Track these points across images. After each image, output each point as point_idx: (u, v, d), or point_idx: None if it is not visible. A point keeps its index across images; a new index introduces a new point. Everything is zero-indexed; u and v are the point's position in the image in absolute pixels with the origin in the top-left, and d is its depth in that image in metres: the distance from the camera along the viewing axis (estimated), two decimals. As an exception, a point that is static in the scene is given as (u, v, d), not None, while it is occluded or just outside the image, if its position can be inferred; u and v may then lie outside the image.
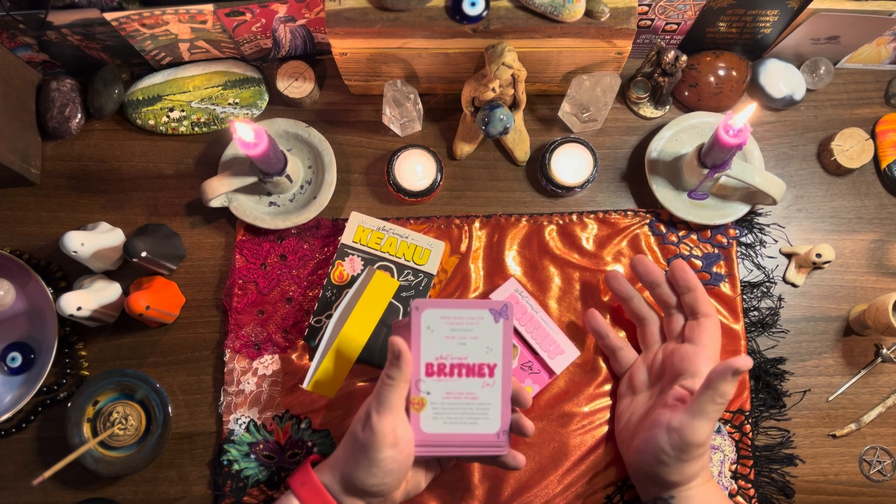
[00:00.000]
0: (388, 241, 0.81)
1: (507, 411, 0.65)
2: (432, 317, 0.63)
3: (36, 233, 0.83)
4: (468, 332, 0.64)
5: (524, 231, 0.83)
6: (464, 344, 0.64)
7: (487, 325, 0.64)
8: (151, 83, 0.86)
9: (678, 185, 0.82)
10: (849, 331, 0.82)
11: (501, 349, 0.64)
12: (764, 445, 0.79)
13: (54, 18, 0.74)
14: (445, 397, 0.64)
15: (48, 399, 0.79)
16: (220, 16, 0.77)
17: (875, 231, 0.84)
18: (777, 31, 0.83)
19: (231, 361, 0.79)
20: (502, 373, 0.64)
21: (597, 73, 0.80)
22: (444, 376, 0.64)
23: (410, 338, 0.64)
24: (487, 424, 0.65)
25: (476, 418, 0.65)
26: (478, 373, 0.64)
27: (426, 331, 0.64)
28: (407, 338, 0.63)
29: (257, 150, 0.72)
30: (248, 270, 0.82)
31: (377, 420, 0.61)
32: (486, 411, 0.64)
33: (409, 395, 0.64)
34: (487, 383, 0.64)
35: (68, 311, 0.73)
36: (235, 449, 0.77)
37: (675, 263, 0.73)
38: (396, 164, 0.82)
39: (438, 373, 0.64)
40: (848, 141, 0.84)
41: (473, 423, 0.65)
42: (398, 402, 0.62)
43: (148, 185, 0.85)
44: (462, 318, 0.64)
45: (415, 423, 0.64)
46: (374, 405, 0.62)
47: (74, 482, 0.78)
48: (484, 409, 0.64)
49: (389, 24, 0.73)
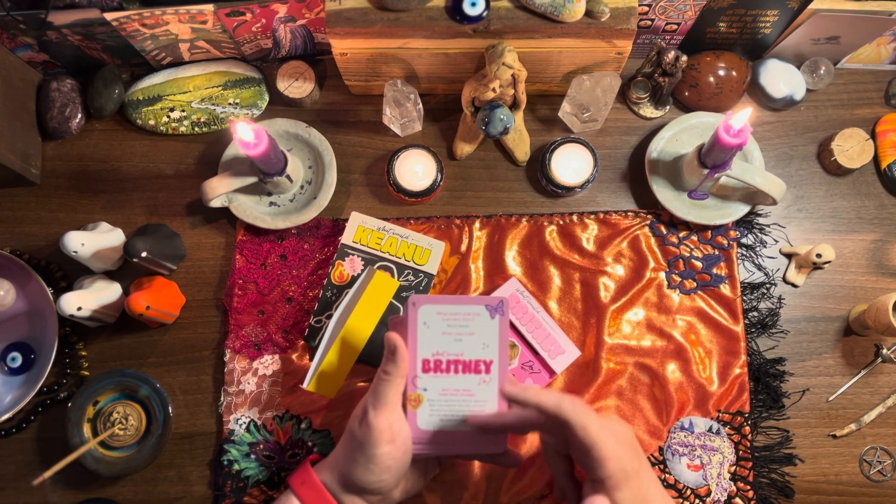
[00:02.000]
0: (388, 241, 0.81)
1: (504, 408, 0.64)
2: (428, 312, 0.63)
3: (36, 233, 0.83)
4: (464, 328, 0.64)
5: (524, 231, 0.83)
6: (460, 340, 0.64)
7: (483, 321, 0.64)
8: (151, 83, 0.86)
9: (678, 185, 0.82)
10: (849, 331, 0.82)
11: (498, 345, 0.64)
12: (764, 446, 0.79)
13: (54, 18, 0.74)
14: (442, 394, 0.64)
15: (48, 399, 0.79)
16: (221, 16, 0.77)
17: (875, 231, 0.84)
18: (777, 32, 0.83)
19: (231, 361, 0.79)
20: (498, 369, 0.64)
21: (597, 73, 0.80)
22: (441, 373, 0.63)
23: (407, 334, 0.63)
24: None
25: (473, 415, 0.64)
26: (474, 369, 0.64)
27: (422, 327, 0.63)
28: (403, 334, 0.63)
29: (257, 151, 0.72)
30: (249, 270, 0.82)
31: (374, 416, 0.61)
32: (483, 408, 0.64)
33: (406, 391, 0.63)
34: (484, 380, 0.64)
35: (68, 311, 0.73)
36: (236, 449, 0.77)
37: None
38: (396, 165, 0.82)
39: (435, 369, 0.63)
40: (848, 141, 0.84)
41: None
42: (395, 397, 0.62)
43: (148, 185, 0.85)
44: (458, 314, 0.64)
45: (412, 420, 0.63)
46: (371, 401, 0.61)
47: (74, 482, 0.78)
48: (480, 405, 0.64)
49: (390, 25, 0.73)
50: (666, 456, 0.77)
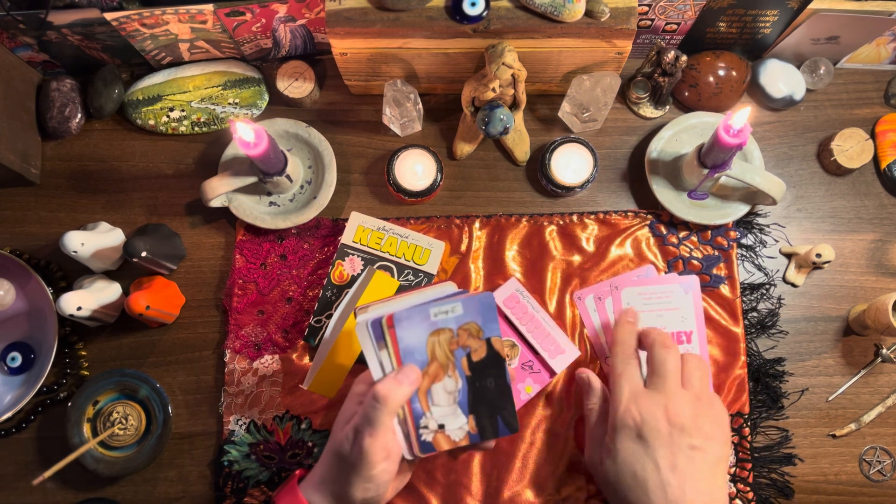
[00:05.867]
0: (388, 241, 0.81)
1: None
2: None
3: (36, 233, 0.83)
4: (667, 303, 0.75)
5: (524, 231, 0.83)
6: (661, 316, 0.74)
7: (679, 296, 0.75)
8: (151, 83, 0.86)
9: (678, 185, 0.82)
10: (849, 331, 0.82)
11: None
12: (763, 445, 0.79)
13: (54, 18, 0.74)
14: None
15: (48, 399, 0.79)
16: (220, 16, 0.77)
17: (875, 231, 0.84)
18: (777, 32, 0.83)
19: (231, 362, 0.79)
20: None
21: (597, 73, 0.80)
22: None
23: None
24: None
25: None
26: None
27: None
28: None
29: (257, 150, 0.72)
30: (248, 270, 0.82)
31: (370, 442, 0.59)
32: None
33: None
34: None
35: (68, 311, 0.73)
36: (236, 449, 0.77)
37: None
38: (396, 164, 0.82)
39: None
40: (848, 141, 0.84)
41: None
42: (389, 421, 0.60)
43: (148, 185, 0.85)
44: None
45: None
46: (364, 426, 0.59)
47: (74, 482, 0.78)
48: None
49: (389, 24, 0.73)
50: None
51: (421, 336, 0.62)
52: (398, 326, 0.61)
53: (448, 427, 0.62)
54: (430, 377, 0.62)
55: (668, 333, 0.70)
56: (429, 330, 0.62)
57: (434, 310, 0.62)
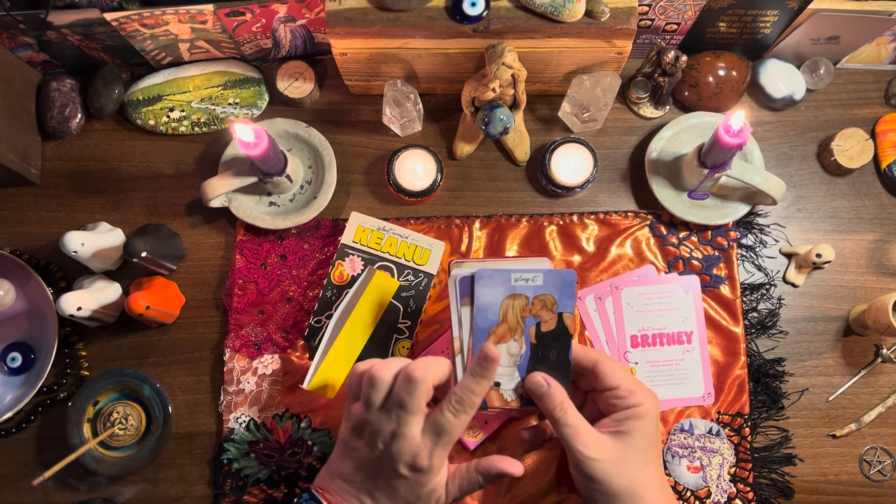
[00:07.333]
0: (388, 241, 0.81)
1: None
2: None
3: (36, 233, 0.83)
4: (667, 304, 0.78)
5: (524, 231, 0.83)
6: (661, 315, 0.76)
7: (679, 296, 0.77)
8: (151, 83, 0.86)
9: (678, 185, 0.82)
10: (849, 331, 0.82)
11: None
12: (763, 445, 0.79)
13: (54, 18, 0.74)
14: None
15: (48, 399, 0.79)
16: (220, 16, 0.77)
17: (875, 231, 0.84)
18: (777, 32, 0.83)
19: (231, 361, 0.79)
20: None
21: (597, 73, 0.80)
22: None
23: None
24: None
25: None
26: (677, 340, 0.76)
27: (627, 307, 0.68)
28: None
29: (257, 151, 0.72)
30: (249, 270, 0.82)
31: (439, 463, 0.58)
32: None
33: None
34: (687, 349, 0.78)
35: (68, 311, 0.73)
36: (235, 448, 0.77)
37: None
38: (396, 164, 0.82)
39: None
40: (848, 141, 0.84)
41: None
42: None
43: (148, 185, 0.85)
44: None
45: None
46: (436, 449, 0.58)
47: (74, 482, 0.78)
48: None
49: (389, 24, 0.73)
50: (666, 458, 0.77)
51: (497, 297, 0.63)
52: (478, 283, 0.63)
53: (503, 386, 0.64)
54: (498, 337, 0.64)
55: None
56: (506, 293, 0.63)
57: (515, 275, 0.63)
